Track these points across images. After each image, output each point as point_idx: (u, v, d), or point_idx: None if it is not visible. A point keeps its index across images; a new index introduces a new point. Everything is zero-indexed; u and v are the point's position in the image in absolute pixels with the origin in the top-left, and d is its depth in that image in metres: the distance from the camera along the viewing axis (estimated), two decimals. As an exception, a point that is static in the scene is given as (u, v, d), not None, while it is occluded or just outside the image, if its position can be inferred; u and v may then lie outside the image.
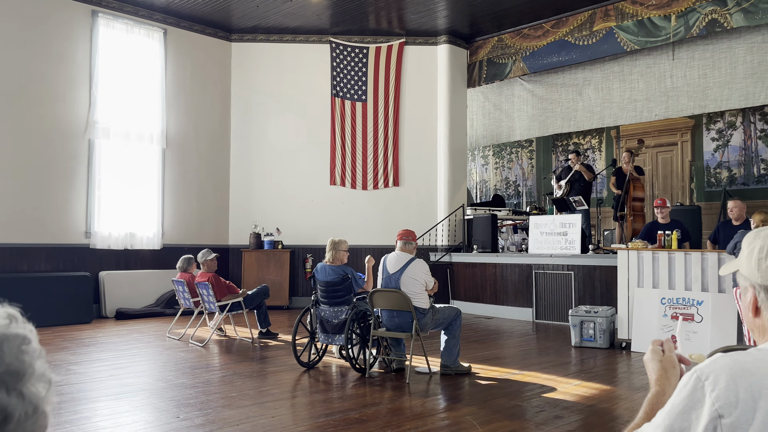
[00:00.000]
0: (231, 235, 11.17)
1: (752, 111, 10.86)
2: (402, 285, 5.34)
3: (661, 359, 1.41)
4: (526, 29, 10.80)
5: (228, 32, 11.24)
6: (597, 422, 4.07)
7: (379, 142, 11.31)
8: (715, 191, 11.27)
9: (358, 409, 4.33)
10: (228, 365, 5.89)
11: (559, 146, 13.99)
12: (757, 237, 1.23)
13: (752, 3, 8.08)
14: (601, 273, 8.36)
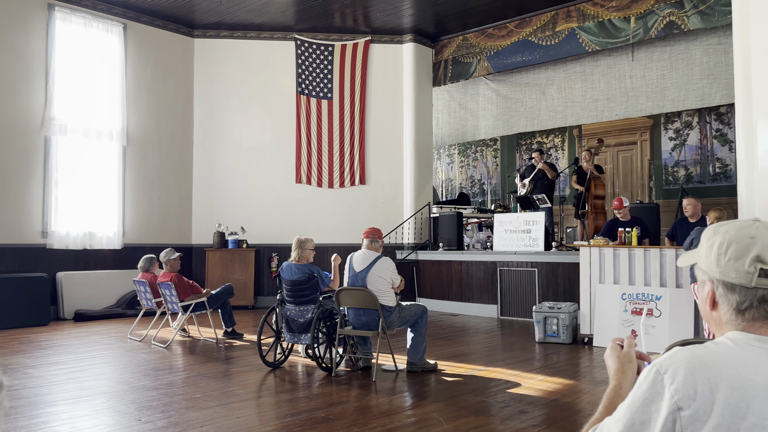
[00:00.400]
0: (194, 234, 11.00)
1: (708, 111, 11.19)
2: (368, 283, 5.34)
3: (619, 355, 1.44)
4: (490, 29, 10.91)
5: (190, 28, 11.04)
6: (560, 416, 4.14)
7: (345, 140, 11.27)
8: (673, 189, 11.58)
9: (324, 408, 4.31)
10: (192, 366, 5.80)
11: (523, 145, 14.17)
12: (716, 232, 1.25)
13: (708, 6, 8.32)
14: (564, 270, 8.50)
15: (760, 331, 1.18)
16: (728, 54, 8.13)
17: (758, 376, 1.11)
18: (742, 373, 1.11)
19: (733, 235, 1.21)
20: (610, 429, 1.20)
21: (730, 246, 1.20)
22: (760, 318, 1.19)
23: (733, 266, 1.19)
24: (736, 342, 1.18)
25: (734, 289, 1.20)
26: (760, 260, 1.17)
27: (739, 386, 1.09)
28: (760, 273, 1.17)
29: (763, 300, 1.18)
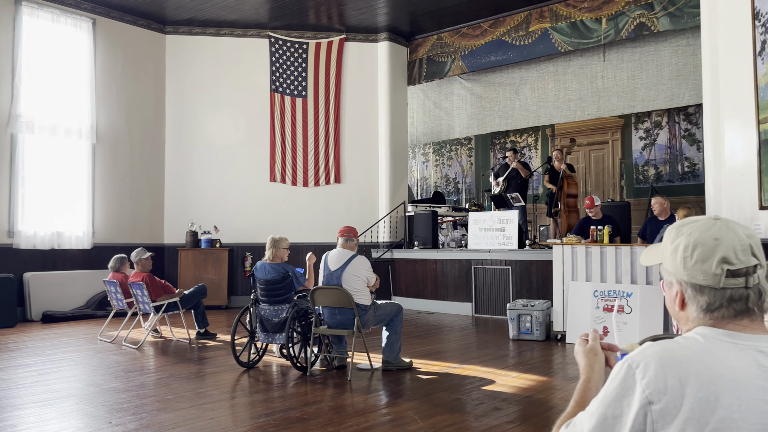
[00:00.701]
0: (166, 233, 10.84)
1: (677, 111, 11.41)
2: (344, 282, 5.32)
3: (585, 350, 1.45)
4: (464, 28, 10.96)
5: (162, 24, 10.88)
6: (534, 412, 4.18)
7: (319, 138, 11.22)
8: (643, 188, 11.78)
9: (299, 408, 4.28)
10: (164, 367, 5.71)
11: (497, 144, 14.28)
12: (679, 234, 1.26)
13: (677, 7, 8.48)
14: (537, 267, 8.59)
15: (728, 326, 1.21)
16: (696, 55, 8.31)
17: (727, 370, 1.13)
18: (711, 367, 1.13)
19: (697, 237, 1.22)
20: (583, 424, 1.21)
21: (695, 249, 1.21)
22: (729, 316, 1.21)
23: (701, 269, 1.20)
24: (705, 337, 1.20)
25: (703, 290, 1.21)
26: (726, 261, 1.19)
27: (708, 380, 1.11)
28: (727, 274, 1.18)
29: (731, 299, 1.20)
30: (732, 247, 1.19)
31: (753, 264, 1.19)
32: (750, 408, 1.10)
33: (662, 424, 1.11)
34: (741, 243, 1.19)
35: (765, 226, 5.90)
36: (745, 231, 1.22)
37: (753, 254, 1.20)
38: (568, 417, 1.31)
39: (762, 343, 1.18)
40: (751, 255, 1.20)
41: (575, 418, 1.26)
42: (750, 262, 1.19)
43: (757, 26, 5.98)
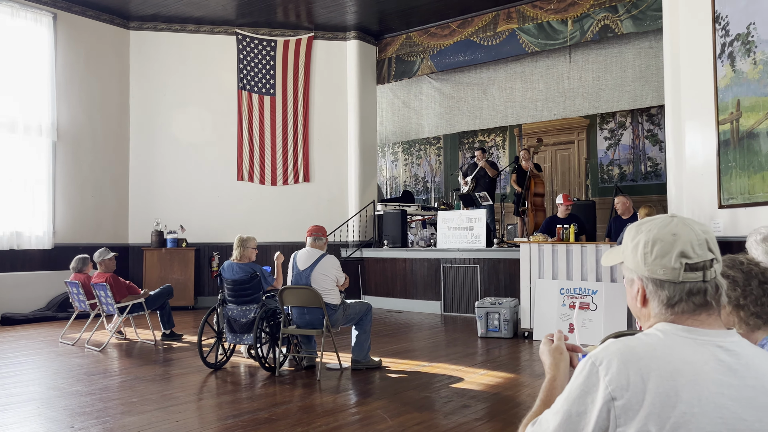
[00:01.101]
0: (131, 233, 10.62)
1: (640, 112, 11.66)
2: (313, 281, 5.29)
3: (550, 349, 1.48)
4: (433, 28, 11.01)
5: (125, 19, 10.65)
6: (502, 409, 4.22)
7: (288, 137, 11.14)
8: (608, 187, 12.01)
9: (267, 409, 4.24)
10: (128, 370, 5.60)
11: (465, 143, 14.38)
12: (639, 232, 1.29)
13: (641, 11, 8.67)
14: (505, 265, 8.68)
15: (687, 322, 1.24)
16: (659, 58, 8.50)
17: (686, 365, 1.15)
18: (672, 362, 1.15)
19: (656, 233, 1.25)
20: (549, 422, 1.23)
21: (655, 244, 1.24)
22: (688, 311, 1.24)
23: (660, 263, 1.23)
24: (666, 333, 1.22)
25: (663, 285, 1.24)
26: (685, 255, 1.22)
27: (668, 376, 1.13)
28: (685, 268, 1.22)
29: (690, 293, 1.23)
30: (689, 241, 1.22)
31: (710, 258, 1.23)
32: (709, 402, 1.12)
33: (625, 420, 1.13)
34: (698, 238, 1.23)
35: (724, 225, 6.08)
36: (700, 227, 1.25)
37: (709, 249, 1.24)
38: (535, 415, 1.33)
39: (719, 338, 1.21)
40: (708, 249, 1.23)
41: (541, 416, 1.27)
42: (707, 256, 1.23)
43: (717, 30, 6.15)
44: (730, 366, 1.17)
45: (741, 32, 5.81)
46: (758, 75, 5.60)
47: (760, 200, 5.57)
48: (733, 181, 5.93)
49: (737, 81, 5.88)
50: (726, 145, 6.03)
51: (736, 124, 5.90)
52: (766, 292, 1.74)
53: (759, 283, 1.75)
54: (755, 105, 5.63)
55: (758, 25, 5.58)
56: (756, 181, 5.63)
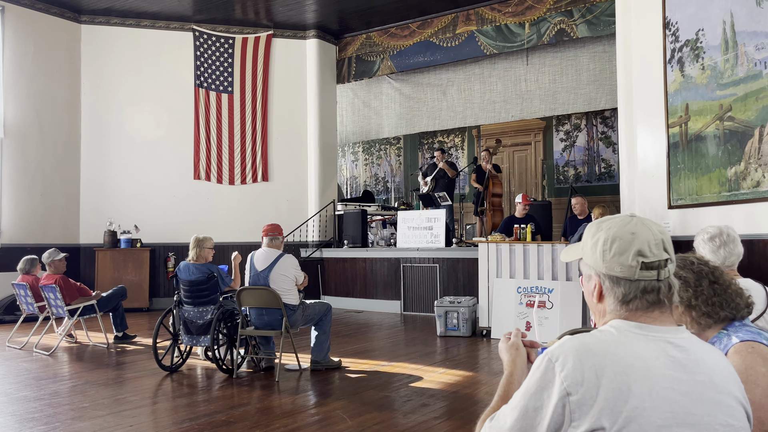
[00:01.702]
0: (82, 233, 10.30)
1: (594, 115, 11.95)
2: (271, 282, 5.23)
3: (507, 346, 1.51)
4: (393, 28, 11.03)
5: (77, 13, 10.32)
6: (460, 407, 4.26)
7: (246, 135, 11.00)
8: (563, 188, 12.26)
9: (224, 411, 4.18)
10: (79, 374, 5.43)
11: (425, 144, 14.47)
12: (599, 229, 1.33)
13: (595, 15, 8.88)
14: (464, 265, 8.77)
15: (640, 319, 1.27)
16: (612, 62, 8.72)
17: (638, 361, 1.18)
18: (624, 358, 1.18)
19: (615, 231, 1.29)
20: (506, 417, 1.24)
21: (614, 242, 1.28)
22: (642, 308, 1.27)
23: (618, 261, 1.27)
24: (619, 329, 1.25)
25: (619, 282, 1.28)
26: (641, 254, 1.25)
27: (621, 371, 1.16)
28: (641, 266, 1.25)
29: (644, 290, 1.26)
30: (647, 241, 1.26)
31: (665, 258, 1.27)
32: (659, 396, 1.15)
33: (579, 414, 1.15)
34: (654, 238, 1.27)
35: (673, 225, 6.28)
36: (657, 227, 1.29)
37: (665, 249, 1.28)
38: (492, 411, 1.35)
39: (670, 334, 1.25)
40: (663, 250, 1.27)
41: (499, 412, 1.29)
42: (662, 256, 1.26)
43: (667, 35, 6.34)
44: (680, 361, 1.21)
45: (690, 38, 6.01)
46: (706, 80, 5.80)
47: (707, 201, 5.78)
48: (682, 183, 6.13)
49: (686, 86, 6.08)
50: (675, 148, 6.23)
51: (684, 127, 6.10)
52: (716, 292, 1.81)
53: (709, 283, 1.82)
54: (703, 109, 5.84)
55: (706, 32, 5.79)
56: (703, 183, 5.83)
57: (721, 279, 1.84)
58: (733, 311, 1.81)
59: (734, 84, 5.44)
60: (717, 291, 1.82)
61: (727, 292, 1.82)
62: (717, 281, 1.83)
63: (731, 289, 1.83)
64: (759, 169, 5.15)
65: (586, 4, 8.95)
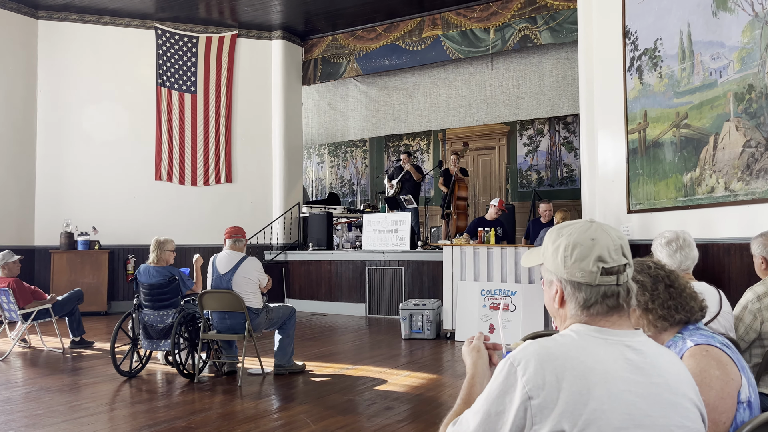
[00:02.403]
0: (37, 234, 9.99)
1: (557, 120, 12.17)
2: (234, 285, 5.16)
3: (469, 349, 1.53)
4: (359, 31, 11.03)
5: (34, 8, 10.02)
6: (424, 410, 4.27)
7: (210, 136, 10.84)
8: (527, 192, 12.45)
9: (185, 417, 4.10)
10: (33, 380, 5.25)
11: (391, 147, 14.51)
12: (560, 235, 1.34)
13: (558, 23, 9.05)
14: (429, 268, 8.81)
15: (600, 323, 1.29)
16: (574, 68, 8.90)
17: (597, 364, 1.20)
18: (584, 362, 1.20)
19: (576, 237, 1.31)
20: (469, 421, 1.25)
21: (575, 248, 1.29)
22: (602, 312, 1.29)
23: (579, 267, 1.29)
24: (579, 334, 1.27)
25: (580, 287, 1.30)
26: (602, 260, 1.28)
27: (581, 375, 1.18)
28: (602, 271, 1.27)
29: (605, 295, 1.29)
30: (606, 246, 1.28)
31: (623, 263, 1.29)
32: (618, 399, 1.17)
33: (540, 418, 1.16)
34: (614, 243, 1.29)
35: (632, 229, 6.43)
36: (616, 233, 1.32)
37: (623, 254, 1.30)
38: (455, 414, 1.35)
39: (627, 338, 1.28)
40: (622, 255, 1.30)
41: (462, 416, 1.29)
42: (621, 261, 1.29)
43: (627, 44, 6.50)
44: (637, 364, 1.23)
45: (648, 47, 6.17)
46: (663, 88, 5.97)
47: (664, 206, 5.93)
48: (641, 188, 6.28)
49: (645, 93, 6.24)
50: (634, 154, 6.39)
51: (643, 133, 6.26)
52: (672, 296, 1.86)
53: (665, 287, 1.86)
54: (660, 116, 6.00)
55: (664, 41, 5.95)
56: (661, 188, 5.99)
57: (676, 283, 1.88)
58: (687, 314, 1.85)
59: (690, 92, 5.61)
60: (672, 294, 1.86)
61: (681, 295, 1.86)
62: (672, 285, 1.87)
63: (686, 292, 1.87)
64: (713, 176, 5.32)
65: (549, 12, 9.11)
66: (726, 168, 5.17)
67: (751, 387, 1.71)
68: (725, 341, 1.80)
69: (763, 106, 4.77)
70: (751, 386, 1.73)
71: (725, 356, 1.72)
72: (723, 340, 1.79)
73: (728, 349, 1.75)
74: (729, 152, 5.14)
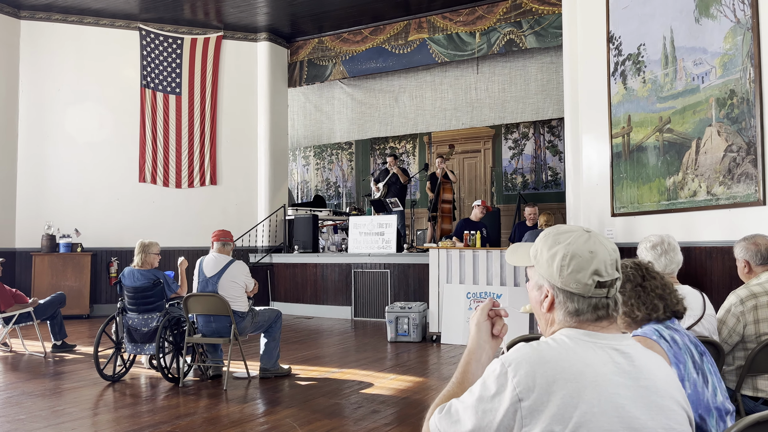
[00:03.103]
0: (18, 236, 9.85)
1: (542, 124, 12.26)
2: (220, 288, 5.13)
3: (472, 323, 1.50)
4: (346, 33, 11.04)
5: (16, 8, 9.89)
6: (411, 413, 4.27)
7: (195, 138, 10.76)
8: (512, 195, 12.51)
9: (170, 422, 4.06)
10: (15, 384, 5.17)
11: (377, 149, 14.51)
12: (557, 242, 1.34)
13: (543, 27, 9.12)
14: (415, 270, 8.82)
15: (589, 327, 1.31)
16: (559, 73, 8.97)
17: (588, 368, 1.21)
18: (575, 365, 1.21)
19: (575, 248, 1.31)
20: (459, 413, 1.25)
21: (573, 259, 1.30)
22: (591, 320, 1.31)
23: (575, 278, 1.30)
24: (570, 338, 1.28)
25: (573, 298, 1.31)
26: (598, 274, 1.29)
27: (572, 378, 1.19)
28: (596, 285, 1.29)
29: (596, 307, 1.30)
30: (603, 261, 1.30)
31: (616, 277, 1.31)
32: (607, 401, 1.19)
33: (530, 420, 1.17)
34: (610, 257, 1.31)
35: (616, 232, 6.49)
36: (611, 246, 1.34)
37: (616, 268, 1.32)
38: (445, 398, 1.35)
39: (615, 341, 1.29)
40: (616, 269, 1.31)
41: (450, 406, 1.29)
42: (614, 275, 1.31)
43: (611, 49, 6.57)
44: (625, 368, 1.24)
45: (632, 52, 6.24)
46: (647, 93, 6.04)
47: (647, 209, 6.00)
48: (625, 192, 6.35)
49: (628, 98, 6.31)
50: (618, 158, 6.45)
51: (627, 138, 6.32)
52: (637, 294, 1.97)
53: (633, 286, 1.98)
54: (644, 121, 6.07)
55: (647, 47, 6.02)
56: (644, 192, 6.06)
57: (648, 283, 1.98)
58: (649, 312, 1.96)
59: (673, 97, 5.68)
60: (638, 293, 1.97)
61: (649, 295, 1.96)
62: (641, 284, 1.97)
63: (654, 292, 1.97)
64: (696, 180, 5.39)
65: (534, 16, 9.17)
66: (708, 172, 5.24)
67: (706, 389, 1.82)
68: (671, 338, 1.88)
69: (744, 111, 4.85)
70: (715, 389, 1.84)
71: (657, 347, 1.82)
72: (668, 336, 1.88)
73: (665, 343, 1.85)
74: (711, 157, 5.21)
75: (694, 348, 1.91)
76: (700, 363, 1.88)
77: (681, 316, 2.02)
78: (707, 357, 1.93)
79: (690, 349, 1.89)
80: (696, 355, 1.89)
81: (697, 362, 1.87)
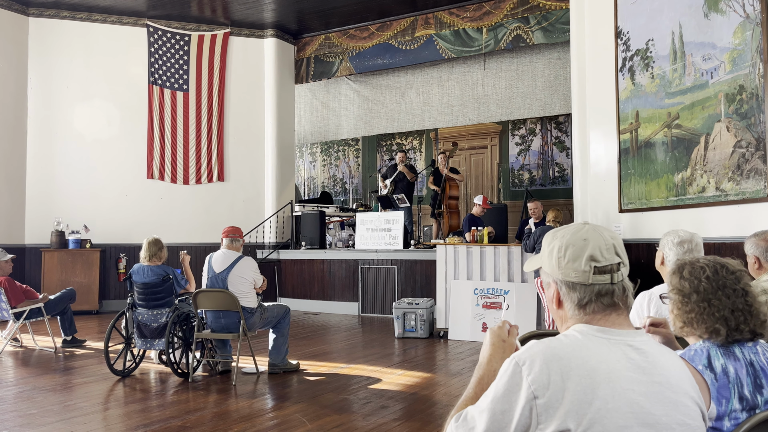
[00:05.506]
0: (28, 233, 9.92)
1: (549, 120, 12.21)
2: (230, 284, 5.16)
3: (494, 338, 1.49)
4: (352, 30, 11.03)
5: (24, 5, 9.94)
6: (419, 409, 4.29)
7: (202, 134, 10.80)
8: (519, 191, 12.49)
9: (180, 417, 4.09)
10: (26, 379, 5.22)
11: (383, 146, 14.51)
12: (554, 237, 1.38)
13: (550, 23, 9.09)
14: (422, 266, 8.83)
15: (600, 322, 1.31)
16: (566, 68, 8.95)
17: (601, 364, 1.22)
18: (588, 362, 1.22)
19: (569, 239, 1.34)
20: (475, 418, 1.26)
21: (567, 249, 1.33)
22: (599, 311, 1.32)
23: (572, 267, 1.32)
24: (583, 334, 1.29)
25: (575, 287, 1.32)
26: (594, 259, 1.30)
27: (585, 374, 1.20)
28: (594, 271, 1.30)
29: (599, 294, 1.31)
30: (598, 246, 1.31)
31: (617, 262, 1.32)
32: (621, 397, 1.19)
33: (546, 417, 1.18)
34: (606, 243, 1.32)
35: (624, 228, 6.48)
36: (609, 233, 1.35)
37: (616, 253, 1.33)
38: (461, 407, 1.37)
39: (629, 337, 1.30)
40: (615, 254, 1.32)
41: (466, 412, 1.31)
42: (614, 260, 1.31)
43: (619, 44, 6.55)
44: (639, 363, 1.25)
45: (640, 48, 6.22)
46: (655, 88, 6.02)
47: (655, 205, 5.99)
48: (632, 188, 6.33)
49: (636, 93, 6.29)
50: (626, 154, 6.44)
51: (635, 133, 6.31)
52: (702, 310, 1.74)
53: (699, 300, 1.76)
54: (652, 116, 6.05)
55: (656, 42, 6.00)
56: (652, 188, 6.04)
57: (717, 301, 1.73)
58: (710, 334, 1.73)
59: (682, 93, 5.66)
60: (703, 309, 1.73)
61: (713, 316, 1.72)
62: (709, 300, 1.73)
63: (721, 314, 1.71)
64: (704, 175, 5.37)
65: (542, 12, 9.14)
66: (717, 168, 5.23)
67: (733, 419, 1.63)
68: (722, 368, 1.66)
69: (753, 107, 4.83)
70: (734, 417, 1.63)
71: (699, 377, 1.64)
72: (719, 367, 1.66)
73: (710, 376, 1.65)
74: (720, 152, 5.19)
75: (751, 380, 1.66)
76: (751, 399, 1.64)
77: (760, 337, 1.74)
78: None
79: (740, 383, 1.64)
80: (748, 389, 1.64)
81: (747, 398, 1.64)
